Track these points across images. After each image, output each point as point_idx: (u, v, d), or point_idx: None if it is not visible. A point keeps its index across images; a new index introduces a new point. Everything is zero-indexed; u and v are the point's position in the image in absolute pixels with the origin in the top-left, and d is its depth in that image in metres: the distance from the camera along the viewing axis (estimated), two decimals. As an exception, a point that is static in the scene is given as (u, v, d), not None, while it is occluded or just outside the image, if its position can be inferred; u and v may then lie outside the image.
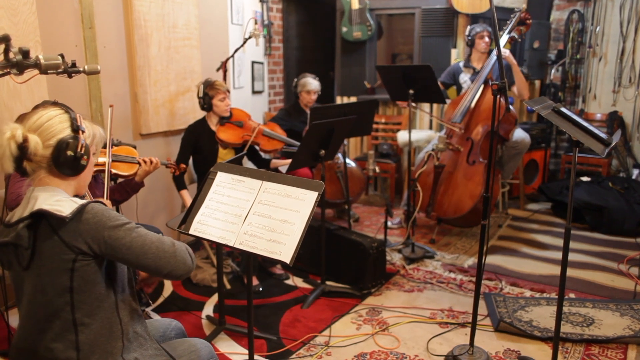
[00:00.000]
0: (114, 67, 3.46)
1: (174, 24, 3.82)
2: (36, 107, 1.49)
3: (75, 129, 1.43)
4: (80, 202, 1.38)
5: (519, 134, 4.11)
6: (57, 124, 1.41)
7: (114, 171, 2.51)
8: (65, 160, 1.40)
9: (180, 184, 3.32)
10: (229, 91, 3.46)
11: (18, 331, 1.45)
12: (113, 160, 2.52)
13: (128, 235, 1.36)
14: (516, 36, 3.84)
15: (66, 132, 1.42)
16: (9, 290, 2.53)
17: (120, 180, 2.62)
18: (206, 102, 3.39)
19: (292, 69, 5.96)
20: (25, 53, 1.39)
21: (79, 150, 1.42)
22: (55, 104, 1.50)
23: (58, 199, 1.38)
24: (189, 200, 3.28)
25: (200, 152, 3.44)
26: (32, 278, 1.38)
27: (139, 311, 1.54)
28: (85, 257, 1.35)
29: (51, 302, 1.36)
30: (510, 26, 3.81)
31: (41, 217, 1.35)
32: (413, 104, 3.92)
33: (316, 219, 3.29)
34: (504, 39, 3.81)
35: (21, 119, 1.46)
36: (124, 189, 2.62)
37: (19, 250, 1.37)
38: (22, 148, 1.36)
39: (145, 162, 2.59)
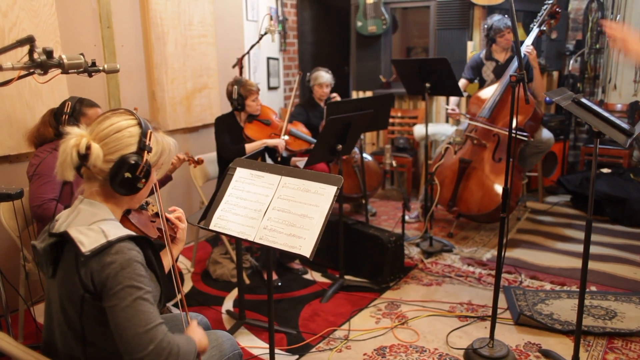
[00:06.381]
0: (131, 66, 3.50)
1: (190, 21, 3.85)
2: (114, 111, 1.40)
3: (142, 148, 1.34)
4: (111, 237, 1.25)
5: (546, 134, 4.02)
6: (124, 138, 1.33)
7: None
8: (121, 181, 1.32)
9: (240, 149, 3.34)
10: (259, 90, 3.47)
11: (48, 331, 1.41)
12: None
13: (125, 300, 1.21)
14: (546, 29, 3.67)
15: (131, 148, 1.33)
16: (34, 286, 2.59)
17: None
18: (240, 103, 3.40)
19: (307, 64, 5.96)
20: (49, 53, 1.41)
21: (137, 173, 1.33)
22: (130, 112, 1.40)
23: (92, 224, 1.29)
24: (256, 144, 3.35)
25: None
26: (58, 288, 1.33)
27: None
28: (92, 296, 1.25)
29: (68, 316, 1.31)
30: (540, 19, 3.66)
31: (67, 239, 1.27)
32: (463, 115, 3.90)
33: (334, 213, 3.29)
34: (534, 33, 3.65)
35: (96, 121, 1.38)
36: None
37: (46, 260, 1.34)
38: (84, 156, 1.30)
39: (179, 157, 2.76)
